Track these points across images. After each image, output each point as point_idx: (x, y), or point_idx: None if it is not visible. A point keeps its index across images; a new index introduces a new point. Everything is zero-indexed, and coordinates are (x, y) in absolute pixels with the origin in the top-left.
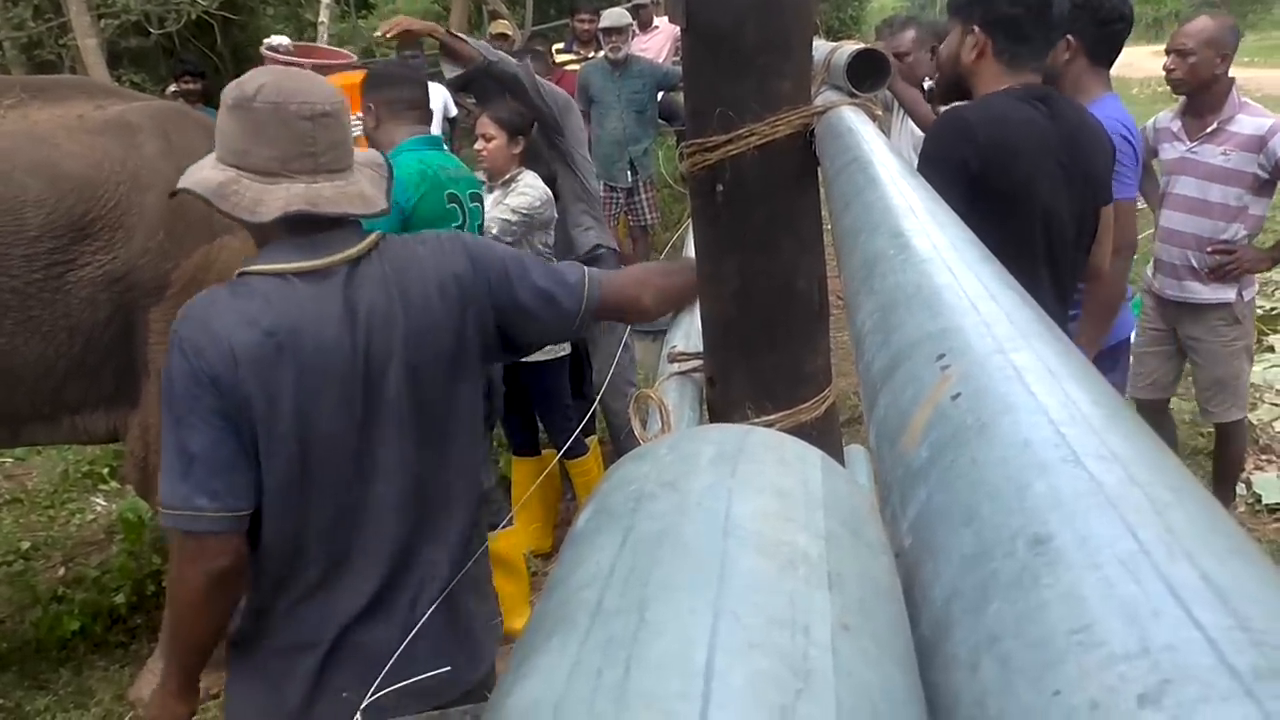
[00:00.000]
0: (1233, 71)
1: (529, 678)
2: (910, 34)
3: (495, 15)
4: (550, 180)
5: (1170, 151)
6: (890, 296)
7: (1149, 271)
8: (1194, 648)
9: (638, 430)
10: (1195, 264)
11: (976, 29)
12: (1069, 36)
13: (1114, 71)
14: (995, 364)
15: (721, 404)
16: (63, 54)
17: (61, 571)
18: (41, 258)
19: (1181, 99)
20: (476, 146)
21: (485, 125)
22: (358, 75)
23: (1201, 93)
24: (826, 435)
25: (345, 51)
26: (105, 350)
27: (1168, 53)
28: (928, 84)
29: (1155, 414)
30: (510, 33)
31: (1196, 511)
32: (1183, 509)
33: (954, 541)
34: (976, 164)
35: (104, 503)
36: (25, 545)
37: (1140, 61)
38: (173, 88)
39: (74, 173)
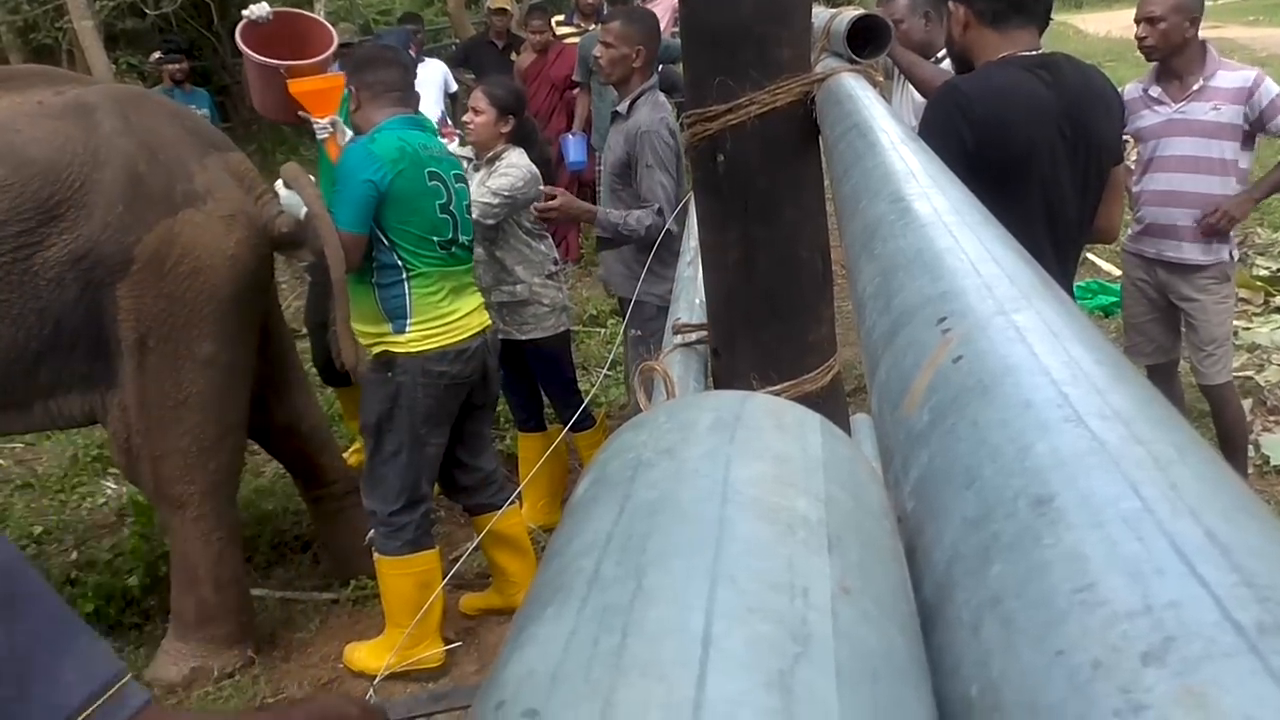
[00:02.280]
0: (1237, 31)
1: (526, 647)
2: (903, 0)
3: None
4: (543, 164)
5: (1151, 118)
6: (891, 261)
7: (1129, 241)
8: (1198, 605)
9: (642, 402)
10: (1192, 223)
11: (952, 2)
12: None
13: (1119, 34)
14: (997, 326)
15: (726, 375)
16: (60, 37)
17: (74, 555)
18: (9, 241)
19: (1152, 66)
20: (465, 119)
21: (476, 99)
22: (330, 79)
23: (1175, 56)
24: (832, 404)
25: (326, 25)
26: (76, 331)
27: (1137, 22)
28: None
29: (1165, 378)
30: (509, 7)
31: (1201, 468)
32: (1187, 466)
33: (955, 504)
34: (972, 140)
35: (114, 486)
36: (37, 530)
37: (1114, 25)
38: (164, 67)
39: (37, 157)
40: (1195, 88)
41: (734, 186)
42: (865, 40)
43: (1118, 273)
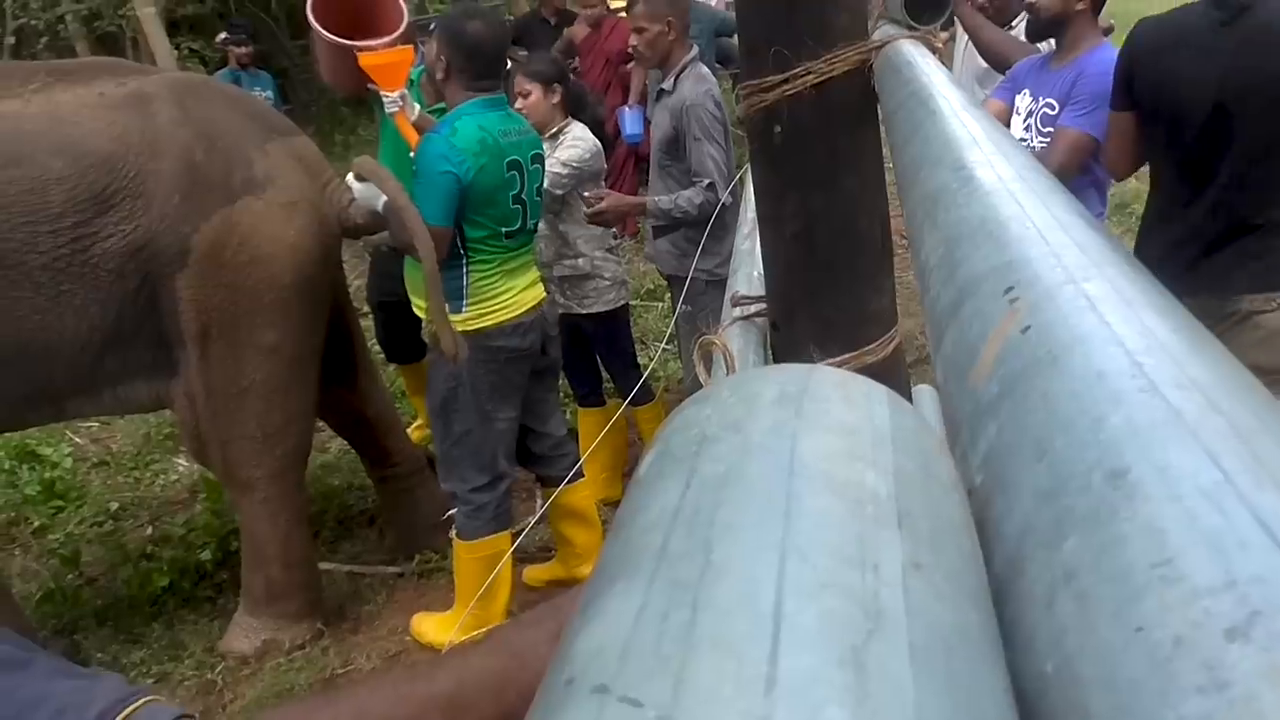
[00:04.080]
0: None
1: (594, 621)
2: None
3: None
4: (597, 125)
5: None
6: (954, 230)
7: None
8: None
9: (702, 377)
10: None
11: None
12: None
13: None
14: (1066, 295)
15: (786, 347)
16: (123, 25)
17: (149, 530)
18: (66, 232)
19: None
20: (516, 106)
21: (520, 83)
22: (400, 53)
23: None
24: (893, 376)
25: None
26: (138, 321)
27: None
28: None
29: None
30: None
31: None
32: (1271, 436)
33: (1027, 477)
34: (1125, 72)
35: (185, 464)
36: (114, 506)
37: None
38: (229, 49)
39: (95, 148)
40: None
41: (791, 157)
42: (924, 6)
43: None
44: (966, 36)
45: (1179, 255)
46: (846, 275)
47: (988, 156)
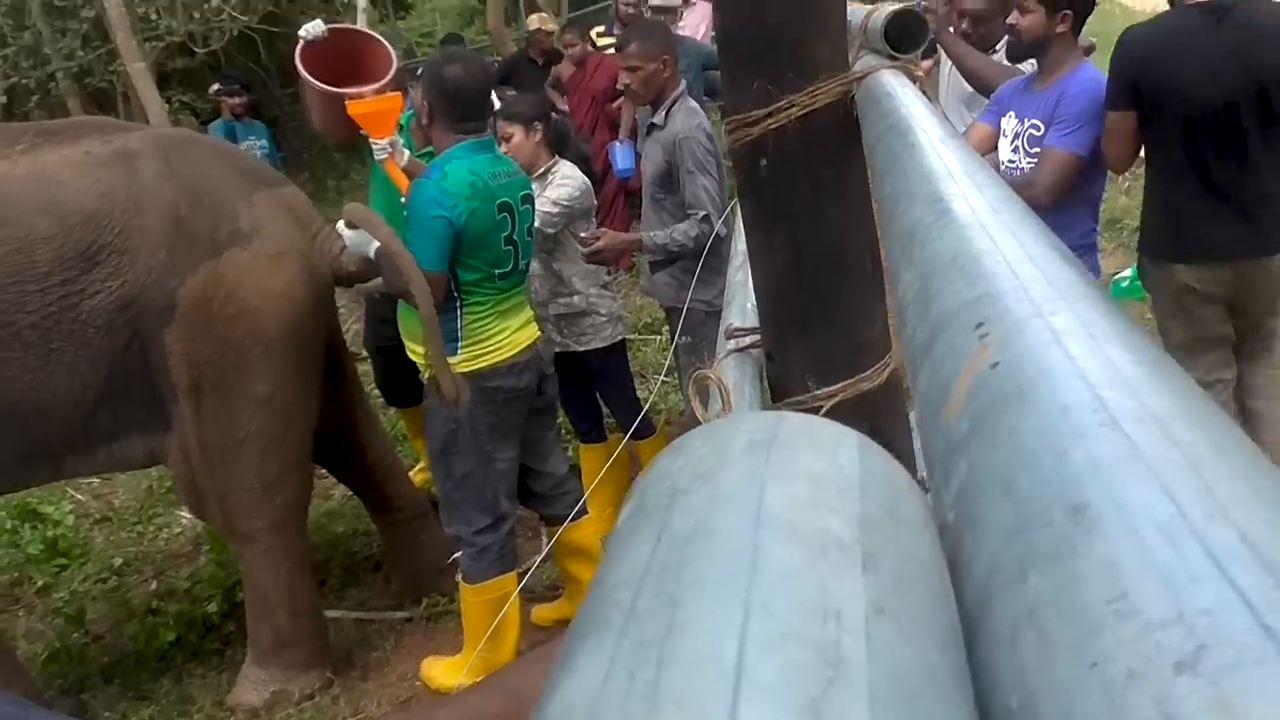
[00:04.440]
0: None
1: (567, 680)
2: None
3: (532, 7)
4: (582, 161)
5: None
6: (929, 266)
7: None
8: (1230, 611)
9: (698, 411)
10: None
11: None
12: (1067, 9)
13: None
14: (1033, 328)
15: (781, 378)
16: (114, 80)
17: (154, 585)
18: (54, 290)
19: None
20: (500, 150)
21: (501, 127)
22: (388, 100)
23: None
24: (890, 403)
25: (384, 43)
26: (129, 376)
27: None
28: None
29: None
30: (548, 27)
31: (1238, 468)
32: (1223, 467)
33: (993, 514)
34: (1128, 74)
35: (188, 517)
36: (118, 562)
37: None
38: (223, 100)
39: (80, 206)
40: None
41: (778, 189)
42: (903, 36)
43: None
44: (951, 62)
45: (1219, 229)
46: (837, 304)
47: (962, 189)
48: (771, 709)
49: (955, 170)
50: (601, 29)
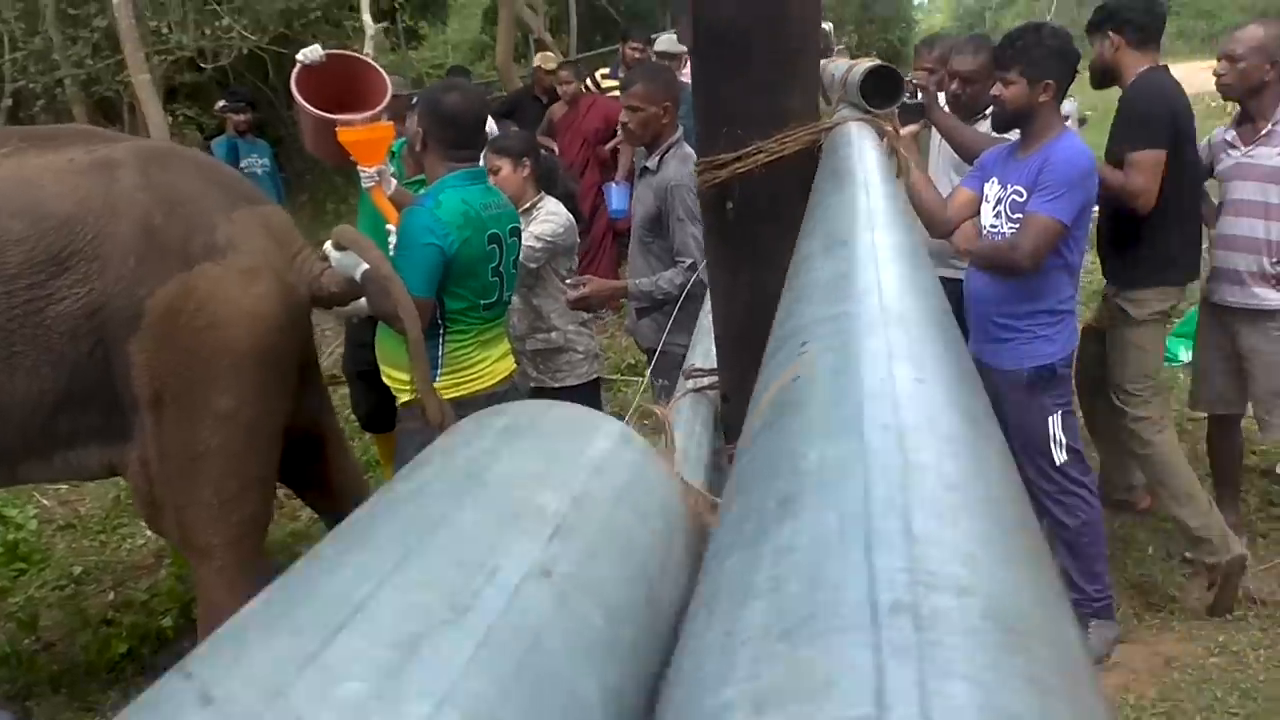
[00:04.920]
0: None
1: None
2: (936, 53)
3: (541, 45)
4: (568, 199)
5: (1226, 161)
6: (803, 291)
7: (1205, 284)
8: (854, 585)
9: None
10: (1258, 268)
11: (1110, 31)
12: (1049, 80)
13: None
14: (840, 348)
15: (735, 420)
16: (121, 90)
17: (111, 595)
18: (21, 294)
19: (1235, 111)
20: (489, 183)
21: (490, 159)
22: (379, 130)
23: (1251, 98)
24: None
25: (381, 71)
26: (92, 384)
27: (1219, 59)
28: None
29: (1227, 431)
30: (552, 66)
31: (955, 477)
32: (936, 469)
33: (731, 506)
34: (1171, 115)
35: None
36: (77, 570)
37: (1192, 77)
38: (228, 116)
39: (55, 210)
40: (1264, 132)
41: (743, 232)
42: (878, 92)
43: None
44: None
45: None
46: None
47: (870, 227)
48: (368, 640)
49: (875, 210)
50: (606, 71)
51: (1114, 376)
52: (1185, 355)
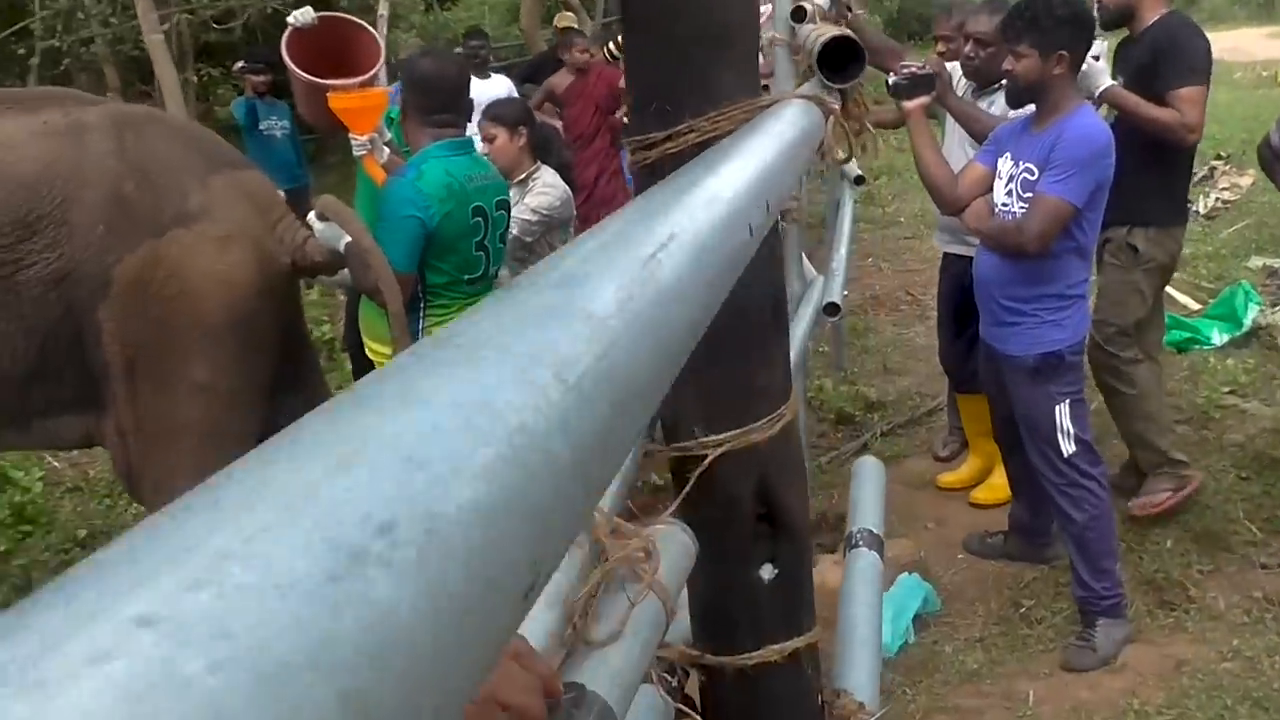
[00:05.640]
0: None
1: None
2: (955, 20)
3: (566, 5)
4: (564, 169)
5: None
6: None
7: None
8: None
9: None
10: None
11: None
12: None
13: (1218, 55)
14: None
15: (671, 422)
16: (143, 50)
17: None
18: None
19: None
20: (481, 150)
21: (485, 127)
22: (369, 97)
23: None
24: (782, 454)
25: (374, 34)
26: (64, 353)
27: None
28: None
29: None
30: (576, 25)
31: None
32: None
33: None
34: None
35: None
36: (82, 534)
37: (1248, 45)
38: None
39: (24, 174)
40: None
41: None
42: (840, 64)
43: (1195, 306)
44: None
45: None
46: (731, 351)
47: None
48: None
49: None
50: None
51: (1107, 318)
52: (1218, 339)
